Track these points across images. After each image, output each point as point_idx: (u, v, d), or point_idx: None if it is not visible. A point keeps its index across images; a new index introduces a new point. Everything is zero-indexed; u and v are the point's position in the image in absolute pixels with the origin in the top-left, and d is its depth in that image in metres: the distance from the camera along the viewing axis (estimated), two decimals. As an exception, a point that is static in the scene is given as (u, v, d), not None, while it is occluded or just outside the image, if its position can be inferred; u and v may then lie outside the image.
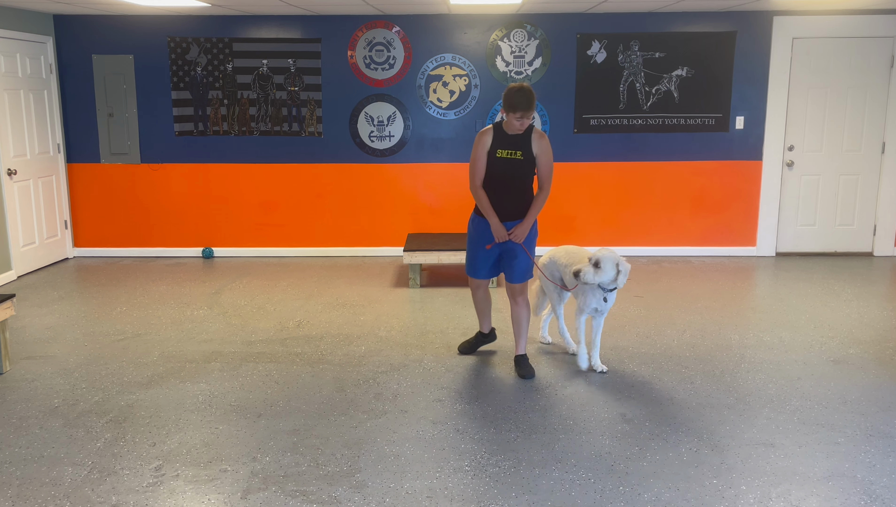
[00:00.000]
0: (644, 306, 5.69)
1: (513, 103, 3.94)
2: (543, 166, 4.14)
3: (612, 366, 4.41)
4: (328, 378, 4.24)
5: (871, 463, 3.24)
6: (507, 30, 7.07)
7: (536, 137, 4.10)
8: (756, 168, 7.26)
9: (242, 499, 2.97)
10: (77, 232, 7.48)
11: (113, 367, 4.43)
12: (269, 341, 4.91)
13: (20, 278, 6.67)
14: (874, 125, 7.18)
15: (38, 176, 6.93)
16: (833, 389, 4.06)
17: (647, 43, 7.04)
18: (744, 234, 7.40)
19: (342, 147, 7.30)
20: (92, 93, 7.22)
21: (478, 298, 4.56)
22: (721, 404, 3.87)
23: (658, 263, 7.15)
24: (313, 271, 6.86)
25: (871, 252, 7.45)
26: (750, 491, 3.01)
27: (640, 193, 7.33)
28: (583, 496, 2.98)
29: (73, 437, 3.51)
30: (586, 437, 3.49)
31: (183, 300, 5.89)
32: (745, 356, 4.57)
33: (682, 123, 7.19)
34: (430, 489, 3.04)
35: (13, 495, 3.01)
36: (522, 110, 3.94)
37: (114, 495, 3.00)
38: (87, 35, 7.12)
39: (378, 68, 7.15)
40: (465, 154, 7.28)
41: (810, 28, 6.99)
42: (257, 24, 7.07)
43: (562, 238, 7.41)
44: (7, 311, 4.38)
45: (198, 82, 7.18)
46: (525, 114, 3.96)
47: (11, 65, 6.53)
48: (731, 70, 7.08)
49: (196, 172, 7.35)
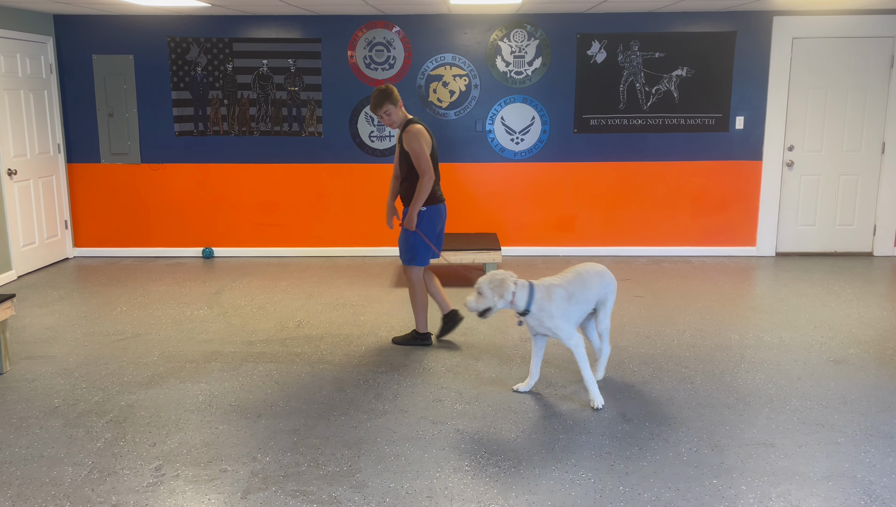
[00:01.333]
0: (644, 306, 5.69)
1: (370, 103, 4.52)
2: (412, 158, 4.48)
3: (612, 366, 4.41)
4: (328, 378, 4.24)
5: (871, 463, 3.24)
6: (507, 30, 7.07)
7: (404, 133, 4.49)
8: (756, 168, 7.26)
9: (242, 499, 2.97)
10: (77, 232, 7.49)
11: (113, 367, 4.43)
12: (269, 341, 4.91)
13: (20, 277, 6.67)
14: (874, 125, 7.18)
15: (39, 176, 6.93)
16: (833, 389, 4.06)
17: (647, 43, 7.04)
18: (744, 234, 7.40)
19: (342, 147, 7.30)
20: (92, 93, 7.22)
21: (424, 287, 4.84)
22: (721, 404, 3.87)
23: (658, 263, 7.15)
24: (313, 271, 6.86)
25: (871, 252, 7.45)
26: (750, 491, 3.01)
27: (640, 193, 7.33)
28: (583, 496, 2.98)
29: (73, 437, 3.51)
30: (586, 437, 3.49)
31: (183, 300, 5.89)
32: (745, 356, 4.57)
33: (682, 123, 7.19)
34: (430, 489, 3.04)
35: (13, 495, 3.01)
36: (372, 108, 4.49)
37: (114, 495, 3.00)
38: (87, 35, 7.12)
39: (378, 68, 7.15)
40: (465, 154, 7.28)
41: (810, 28, 6.99)
42: (257, 24, 7.07)
43: (562, 238, 7.42)
44: (7, 311, 4.38)
45: (198, 82, 7.18)
46: (375, 111, 4.48)
47: (11, 65, 6.53)
48: (731, 70, 7.08)
49: (196, 172, 7.35)
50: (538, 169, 7.30)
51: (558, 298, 3.77)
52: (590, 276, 3.96)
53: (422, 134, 4.43)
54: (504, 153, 7.28)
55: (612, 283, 4.06)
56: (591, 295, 3.95)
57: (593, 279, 3.95)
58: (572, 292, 3.84)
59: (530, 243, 7.45)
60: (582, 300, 3.88)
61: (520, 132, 7.24)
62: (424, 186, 4.43)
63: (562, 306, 3.78)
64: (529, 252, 7.46)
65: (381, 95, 4.42)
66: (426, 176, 4.42)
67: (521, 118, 7.22)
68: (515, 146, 7.26)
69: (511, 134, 7.24)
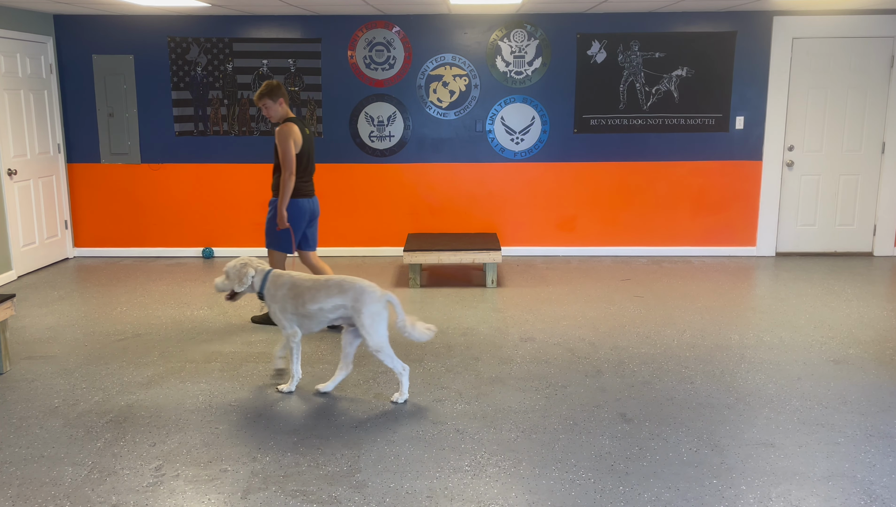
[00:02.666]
0: (644, 306, 5.69)
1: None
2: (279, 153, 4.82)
3: (612, 366, 4.41)
4: (328, 378, 4.23)
5: (871, 463, 3.24)
6: (507, 30, 7.07)
7: (277, 130, 4.80)
8: (756, 168, 7.26)
9: (242, 499, 2.97)
10: (77, 232, 7.48)
11: (113, 367, 4.43)
12: (269, 341, 4.91)
13: (20, 278, 6.67)
14: (874, 125, 7.18)
15: (39, 176, 6.93)
16: (833, 389, 4.06)
17: (647, 43, 7.05)
18: (744, 234, 7.40)
19: (342, 147, 7.30)
20: (92, 93, 7.22)
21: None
22: (721, 404, 3.87)
23: (658, 263, 7.15)
24: (313, 271, 6.86)
25: (871, 252, 7.45)
26: (750, 491, 3.01)
27: (640, 193, 7.33)
28: (583, 496, 2.98)
29: (73, 437, 3.51)
30: (586, 437, 3.49)
31: (183, 300, 5.89)
32: (745, 356, 4.57)
33: (682, 123, 7.19)
34: (430, 489, 3.04)
35: (13, 495, 3.01)
36: (255, 99, 4.84)
37: (114, 495, 3.00)
38: (87, 35, 7.12)
39: (378, 68, 7.15)
40: (465, 154, 7.28)
41: (810, 28, 6.99)
42: (257, 24, 7.07)
43: (562, 238, 7.42)
44: (7, 311, 4.38)
45: (198, 82, 7.18)
46: (256, 102, 4.84)
47: (11, 65, 6.53)
48: (731, 70, 7.08)
49: (196, 172, 7.35)
50: (538, 169, 7.30)
51: (283, 289, 3.95)
52: (332, 287, 3.85)
53: (291, 133, 4.78)
54: (504, 153, 7.28)
55: (363, 302, 3.78)
56: (328, 306, 3.85)
57: (333, 291, 3.84)
58: (301, 294, 3.89)
59: (530, 243, 7.45)
60: (313, 306, 3.86)
61: (520, 132, 7.24)
62: (285, 181, 4.80)
63: (282, 298, 3.94)
64: (529, 252, 7.46)
65: (264, 89, 4.81)
66: (286, 171, 4.79)
67: (521, 118, 7.22)
68: (515, 146, 7.27)
69: (511, 134, 7.24)
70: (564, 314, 5.47)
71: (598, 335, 4.99)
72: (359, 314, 3.79)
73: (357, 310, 3.80)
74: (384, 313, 3.82)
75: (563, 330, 5.10)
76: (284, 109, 4.89)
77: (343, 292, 3.83)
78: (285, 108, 4.89)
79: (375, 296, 3.80)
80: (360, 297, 3.79)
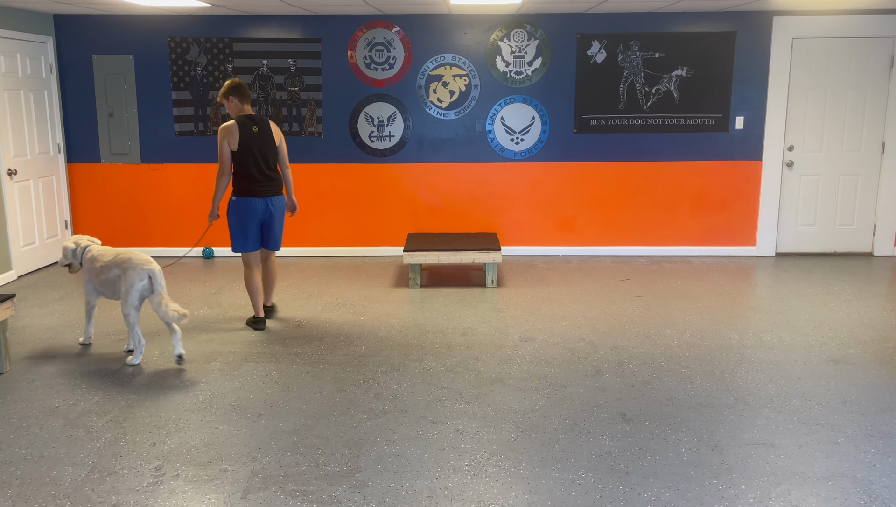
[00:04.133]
0: (644, 306, 5.69)
1: None
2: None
3: (612, 366, 4.41)
4: (328, 378, 4.24)
5: (871, 463, 3.24)
6: (507, 30, 7.07)
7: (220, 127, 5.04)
8: (756, 168, 7.26)
9: (242, 499, 2.97)
10: (77, 232, 7.48)
11: (113, 367, 4.43)
12: (269, 341, 4.91)
13: (20, 277, 6.67)
14: (874, 125, 7.19)
15: (39, 176, 6.93)
16: (833, 389, 4.06)
17: (647, 43, 7.05)
18: (744, 234, 7.40)
19: (342, 147, 7.30)
20: (92, 93, 7.22)
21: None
22: (721, 404, 3.87)
23: (658, 263, 7.15)
24: (313, 271, 6.86)
25: (870, 252, 7.45)
26: (750, 491, 3.02)
27: (640, 193, 7.33)
28: (583, 496, 2.99)
29: (73, 437, 3.51)
30: (586, 437, 3.49)
31: (183, 300, 5.89)
32: (745, 356, 4.58)
33: (682, 123, 7.19)
34: (430, 489, 3.04)
35: (13, 495, 3.01)
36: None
37: (114, 495, 3.00)
38: (87, 35, 7.12)
39: (378, 68, 7.15)
40: (465, 154, 7.28)
41: (810, 28, 7.00)
42: (257, 24, 7.07)
43: (562, 238, 7.42)
44: (7, 311, 4.38)
45: (198, 82, 7.18)
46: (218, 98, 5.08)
47: (11, 65, 6.53)
48: (731, 70, 7.08)
49: (196, 172, 7.35)
50: (538, 169, 7.30)
51: (88, 261, 4.59)
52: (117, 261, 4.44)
53: (226, 131, 4.92)
54: (504, 153, 7.28)
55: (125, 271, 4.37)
56: (112, 276, 4.46)
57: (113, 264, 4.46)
58: (100, 268, 4.49)
59: (530, 243, 7.45)
60: (103, 276, 4.49)
61: (520, 132, 7.24)
62: (217, 179, 5.01)
63: (88, 270, 4.57)
64: (529, 252, 7.46)
65: (223, 88, 5.00)
66: (218, 170, 5.00)
67: (521, 118, 7.22)
68: (515, 146, 7.27)
69: (511, 134, 7.24)
70: (564, 314, 5.47)
71: (597, 335, 4.99)
72: (120, 281, 4.40)
73: (121, 278, 4.40)
74: (139, 284, 4.35)
75: (563, 330, 5.10)
76: (237, 107, 5.01)
77: (118, 265, 4.43)
78: (238, 105, 5.01)
79: (136, 268, 4.36)
80: (125, 267, 4.39)
